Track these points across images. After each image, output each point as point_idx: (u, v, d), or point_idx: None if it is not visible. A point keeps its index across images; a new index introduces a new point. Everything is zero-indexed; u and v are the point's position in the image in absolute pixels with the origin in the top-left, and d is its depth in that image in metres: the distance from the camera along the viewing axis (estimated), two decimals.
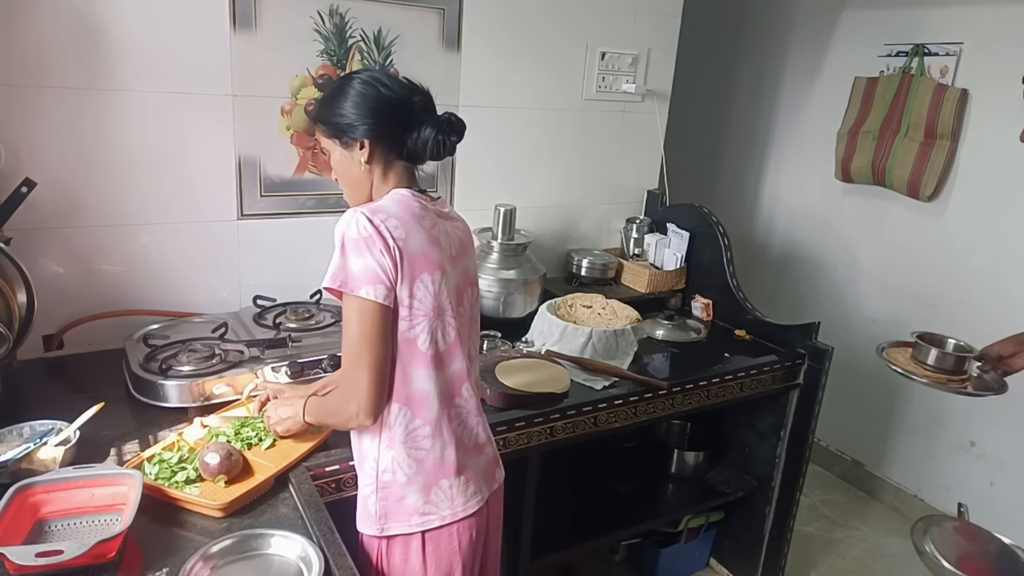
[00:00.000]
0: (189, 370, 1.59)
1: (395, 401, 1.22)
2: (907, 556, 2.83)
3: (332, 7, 1.97)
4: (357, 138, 1.21)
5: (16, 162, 1.66)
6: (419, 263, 1.18)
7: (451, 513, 1.27)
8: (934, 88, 2.73)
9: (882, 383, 3.11)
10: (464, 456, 1.29)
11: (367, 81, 1.21)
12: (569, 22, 2.41)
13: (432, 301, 1.20)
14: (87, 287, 1.83)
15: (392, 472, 1.24)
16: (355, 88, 1.21)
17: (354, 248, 1.13)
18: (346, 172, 1.26)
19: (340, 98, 1.21)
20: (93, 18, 1.68)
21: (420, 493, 1.25)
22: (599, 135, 2.62)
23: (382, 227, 1.14)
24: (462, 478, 1.28)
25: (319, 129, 1.26)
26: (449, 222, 1.29)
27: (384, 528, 1.26)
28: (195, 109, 1.85)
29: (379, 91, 1.20)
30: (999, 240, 2.67)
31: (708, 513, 2.45)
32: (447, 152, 1.24)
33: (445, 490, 1.26)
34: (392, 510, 1.25)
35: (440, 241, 1.23)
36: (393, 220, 1.16)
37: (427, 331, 1.21)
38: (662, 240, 2.60)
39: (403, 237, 1.16)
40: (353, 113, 1.20)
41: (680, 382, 1.97)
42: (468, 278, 1.31)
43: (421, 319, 1.20)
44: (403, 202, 1.21)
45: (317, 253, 2.11)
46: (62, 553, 1.02)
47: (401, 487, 1.24)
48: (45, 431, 1.37)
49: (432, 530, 1.26)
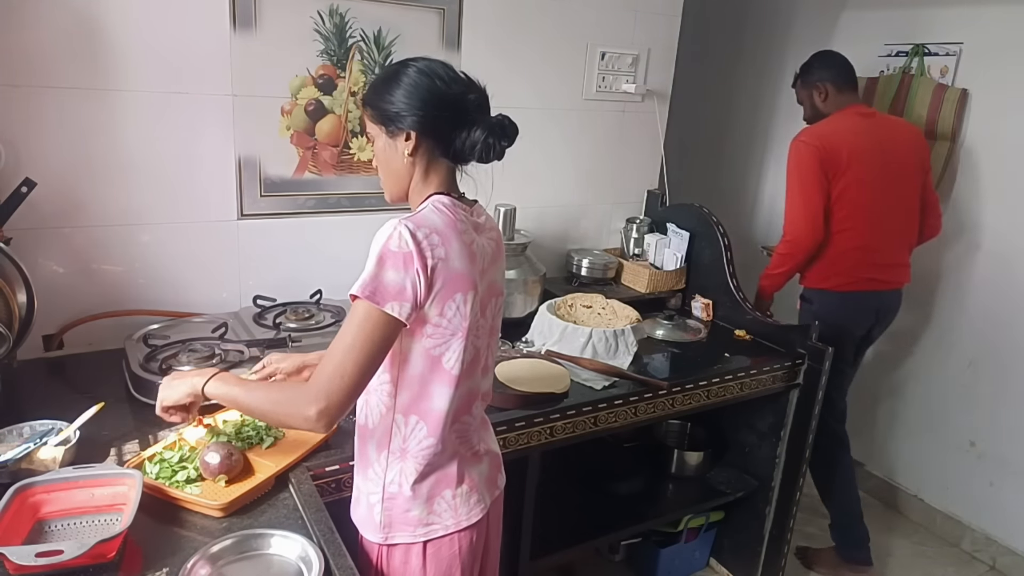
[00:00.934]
0: (189, 370, 1.59)
1: (412, 415, 1.20)
2: (907, 556, 2.83)
3: (332, 7, 1.97)
4: (404, 128, 1.16)
5: (16, 162, 1.66)
6: (455, 283, 1.13)
7: (454, 523, 1.25)
8: (934, 88, 2.73)
9: (882, 383, 3.11)
10: (465, 466, 1.27)
11: (423, 70, 1.16)
12: (569, 22, 2.41)
13: (463, 321, 1.16)
14: (87, 287, 1.83)
15: (399, 484, 1.22)
16: (410, 76, 1.16)
17: (392, 261, 1.09)
18: (387, 161, 1.21)
19: (393, 84, 1.16)
20: (93, 18, 1.68)
21: (424, 504, 1.23)
22: (599, 135, 2.62)
23: (424, 243, 1.09)
24: (464, 487, 1.27)
25: (367, 112, 1.22)
26: (483, 234, 1.23)
27: (388, 537, 1.24)
28: (195, 109, 1.85)
29: (434, 83, 1.15)
30: (999, 240, 2.67)
31: (708, 513, 2.45)
32: (496, 156, 1.19)
33: (448, 500, 1.25)
34: (397, 520, 1.24)
35: (476, 256, 1.18)
36: (435, 236, 1.11)
37: (455, 350, 1.17)
38: (662, 240, 2.60)
39: (443, 256, 1.11)
40: (403, 101, 1.15)
41: (680, 382, 1.97)
42: (494, 288, 1.27)
43: (450, 338, 1.16)
44: (446, 214, 1.16)
45: (317, 253, 2.12)
46: (62, 553, 1.01)
47: (407, 500, 1.22)
48: (45, 431, 1.37)
49: (433, 540, 1.25)
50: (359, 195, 2.16)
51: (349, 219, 2.15)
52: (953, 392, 2.86)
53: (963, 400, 2.83)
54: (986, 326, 2.74)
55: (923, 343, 2.95)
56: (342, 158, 2.11)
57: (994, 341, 2.72)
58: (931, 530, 2.97)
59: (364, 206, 2.17)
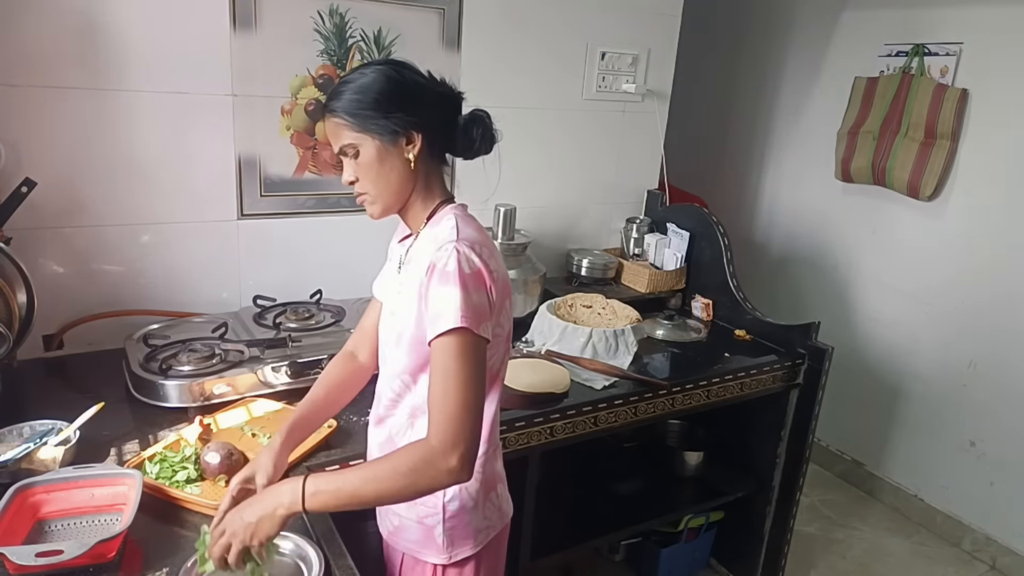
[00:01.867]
0: (189, 370, 1.59)
1: None
2: (907, 556, 2.83)
3: (332, 7, 1.97)
4: (405, 130, 1.08)
5: (16, 162, 1.66)
6: (504, 289, 1.13)
7: (499, 519, 1.26)
8: (934, 88, 2.73)
9: (882, 383, 3.11)
10: (499, 462, 1.29)
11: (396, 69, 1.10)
12: (569, 22, 2.41)
13: (510, 325, 1.19)
14: (87, 287, 1.83)
15: (460, 500, 1.18)
16: (396, 75, 1.08)
17: (473, 284, 1.03)
18: (384, 172, 1.10)
19: (377, 85, 1.07)
20: (93, 18, 1.68)
21: (481, 512, 1.22)
22: (599, 135, 2.62)
23: (486, 257, 1.07)
24: (502, 484, 1.29)
25: (345, 123, 1.08)
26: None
27: (452, 556, 1.20)
28: (195, 109, 1.85)
29: (419, 80, 1.11)
30: (999, 240, 2.67)
31: (708, 513, 2.45)
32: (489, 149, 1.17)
33: (494, 501, 1.25)
34: (458, 535, 1.20)
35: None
36: (486, 249, 1.08)
37: (500, 355, 1.18)
38: (662, 240, 2.60)
39: (496, 268, 1.09)
40: (400, 101, 1.07)
41: (680, 382, 1.97)
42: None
43: (500, 344, 1.16)
44: (475, 223, 1.14)
45: (317, 253, 2.12)
46: (62, 553, 1.02)
47: (468, 512, 1.20)
48: (45, 431, 1.37)
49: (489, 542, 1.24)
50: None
51: (349, 219, 2.15)
52: (953, 392, 2.86)
53: (963, 400, 2.83)
54: (986, 326, 2.74)
55: (923, 343, 2.95)
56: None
57: (994, 341, 2.72)
58: (931, 530, 2.97)
59: None
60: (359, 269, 2.18)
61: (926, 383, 2.96)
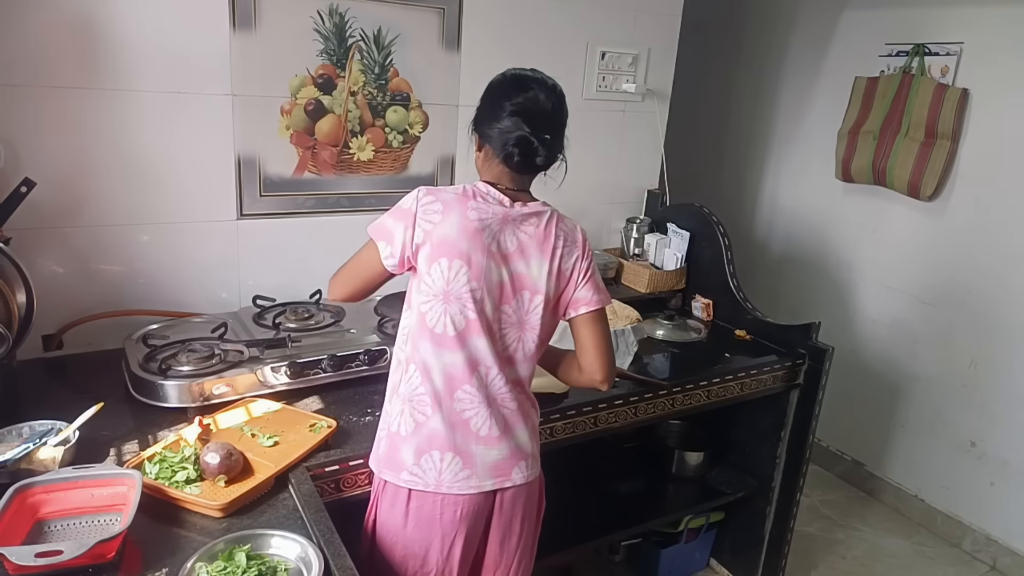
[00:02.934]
0: (189, 370, 1.59)
1: (412, 363, 1.32)
2: (907, 556, 2.83)
3: (332, 7, 1.97)
4: (477, 139, 1.38)
5: (16, 162, 1.65)
6: (440, 248, 1.26)
7: (435, 484, 1.31)
8: (934, 88, 2.73)
9: (882, 383, 3.11)
10: (464, 440, 1.32)
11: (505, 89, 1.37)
12: (569, 22, 2.41)
13: (444, 285, 1.26)
14: (86, 287, 1.83)
15: (398, 424, 1.33)
16: (494, 94, 1.36)
17: (396, 211, 1.29)
18: (477, 164, 1.39)
19: (482, 98, 1.38)
20: (93, 18, 1.68)
21: (413, 453, 1.31)
22: (599, 135, 2.62)
23: (424, 203, 1.27)
24: (456, 457, 1.31)
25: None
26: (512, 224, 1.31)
27: (380, 471, 1.35)
28: (195, 109, 1.84)
29: (503, 102, 1.34)
30: (1000, 240, 2.67)
31: (708, 513, 2.44)
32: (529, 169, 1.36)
33: (435, 461, 1.31)
34: (388, 457, 1.34)
35: (481, 235, 1.27)
36: (437, 203, 1.27)
37: (436, 312, 1.28)
38: (662, 240, 2.60)
39: (435, 221, 1.26)
40: (480, 118, 1.37)
41: (680, 382, 1.97)
42: (521, 281, 1.32)
43: (431, 298, 1.28)
44: (464, 192, 1.30)
45: (317, 253, 2.12)
46: (62, 553, 1.01)
47: (400, 439, 1.32)
48: (45, 431, 1.37)
49: (417, 491, 1.32)
50: (358, 195, 2.16)
51: (348, 219, 2.15)
52: (953, 392, 2.86)
53: (963, 400, 2.83)
54: (987, 326, 2.74)
55: (924, 343, 2.95)
56: (341, 158, 2.11)
57: (995, 341, 2.72)
58: (931, 530, 2.97)
59: (363, 206, 2.17)
60: None
61: (926, 383, 2.96)
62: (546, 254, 1.34)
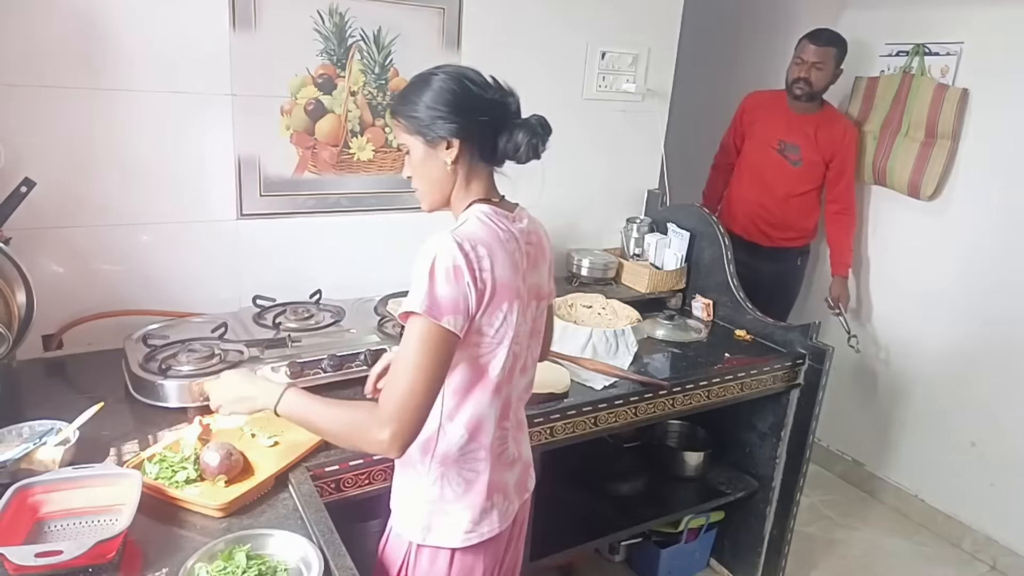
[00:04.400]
0: (189, 370, 1.59)
1: (457, 420, 1.20)
2: (907, 556, 2.83)
3: (332, 6, 1.97)
4: (445, 136, 1.16)
5: (16, 162, 1.65)
6: (503, 292, 1.15)
7: (490, 530, 1.26)
8: (935, 88, 2.73)
9: (882, 383, 3.11)
10: (504, 473, 1.28)
11: (455, 76, 1.17)
12: (569, 22, 2.41)
13: (510, 332, 1.18)
14: (87, 287, 1.82)
15: (441, 487, 1.22)
16: (445, 83, 1.16)
17: (445, 276, 1.09)
18: (427, 172, 1.20)
19: (428, 92, 1.16)
20: (93, 17, 1.67)
21: (468, 512, 1.23)
22: (599, 135, 2.62)
23: (472, 255, 1.11)
24: (502, 497, 1.27)
25: (399, 124, 1.20)
26: (523, 238, 1.24)
27: (426, 538, 1.24)
28: (195, 109, 1.84)
29: (470, 88, 1.17)
30: (1000, 240, 2.67)
31: (708, 513, 2.44)
32: (535, 155, 1.21)
33: (489, 511, 1.25)
34: (438, 523, 1.23)
35: (518, 265, 1.20)
36: (482, 248, 1.13)
37: (501, 359, 1.18)
38: (662, 240, 2.59)
39: (489, 268, 1.13)
40: (443, 108, 1.15)
41: (680, 382, 1.97)
42: (536, 292, 1.27)
43: (496, 347, 1.17)
44: (488, 224, 1.18)
45: (317, 253, 2.12)
46: (61, 553, 1.01)
47: (449, 503, 1.23)
48: (44, 431, 1.37)
49: (467, 547, 1.25)
50: (358, 195, 2.16)
51: (348, 219, 2.15)
52: (953, 392, 2.86)
53: (963, 400, 2.83)
54: (986, 326, 2.74)
55: (923, 343, 2.95)
56: (342, 158, 2.11)
57: (994, 341, 2.72)
58: (931, 530, 2.97)
59: (363, 206, 2.17)
60: (359, 269, 2.19)
61: (926, 383, 2.95)
62: (545, 260, 1.32)
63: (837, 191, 2.92)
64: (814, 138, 2.83)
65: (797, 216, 2.94)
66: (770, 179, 2.92)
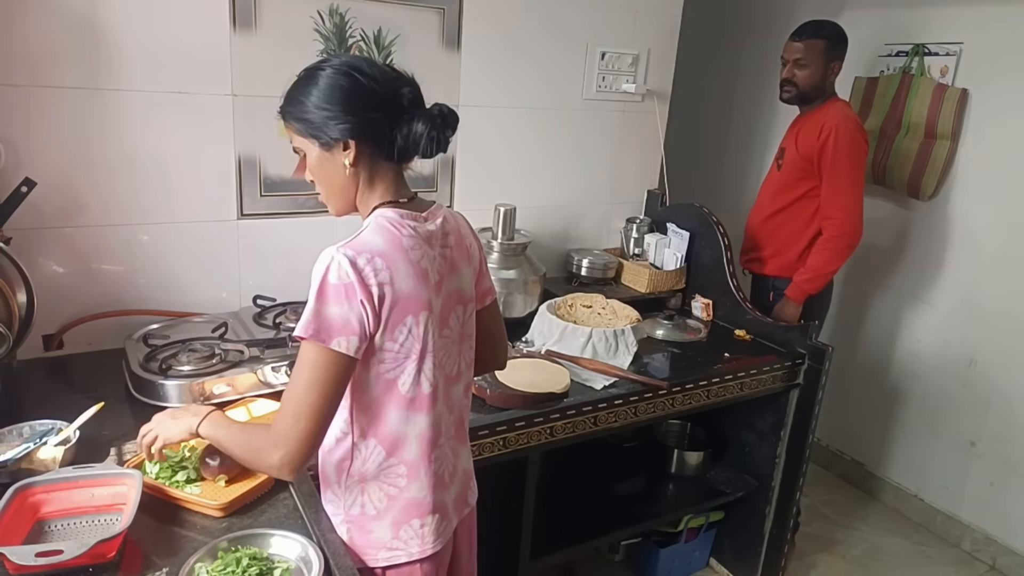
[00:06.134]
0: (189, 370, 1.59)
1: (370, 438, 1.15)
2: (907, 556, 2.83)
3: (332, 7, 1.97)
4: (339, 138, 1.07)
5: (16, 162, 1.66)
6: (405, 306, 1.08)
7: (419, 551, 1.19)
8: (934, 88, 2.73)
9: (882, 383, 3.11)
10: (437, 493, 1.21)
11: (343, 70, 1.06)
12: (569, 22, 2.41)
13: (418, 344, 1.11)
14: (87, 287, 1.83)
15: (361, 505, 1.18)
16: (332, 79, 1.06)
17: (333, 296, 1.03)
18: (328, 176, 1.12)
19: (315, 91, 1.06)
20: (93, 18, 1.68)
21: (390, 528, 1.18)
22: (599, 135, 2.62)
23: (366, 270, 1.03)
24: (436, 516, 1.21)
25: (291, 127, 1.11)
26: (437, 242, 1.15)
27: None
28: (195, 109, 1.84)
29: (360, 82, 1.06)
30: (999, 240, 2.67)
31: (708, 513, 2.45)
32: (440, 149, 1.11)
33: (416, 528, 1.19)
34: (359, 542, 1.19)
35: (427, 274, 1.11)
36: (378, 260, 1.05)
37: (410, 374, 1.12)
38: (662, 240, 2.60)
39: (388, 280, 1.05)
40: (334, 108, 1.05)
41: (680, 382, 1.97)
42: (457, 297, 1.19)
43: (403, 362, 1.11)
44: (389, 232, 1.09)
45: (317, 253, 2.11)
46: (62, 553, 1.01)
47: (370, 520, 1.18)
48: (45, 431, 1.37)
49: (396, 566, 1.20)
50: None
51: (348, 219, 2.14)
52: (953, 392, 2.86)
53: (963, 400, 2.83)
54: (987, 326, 2.74)
55: (923, 342, 2.95)
56: None
57: (995, 341, 2.72)
58: (931, 530, 2.97)
59: None
60: None
61: (926, 383, 2.96)
62: (469, 260, 1.23)
63: (822, 197, 2.40)
64: (796, 136, 2.49)
65: (770, 238, 2.55)
66: (762, 193, 2.66)
